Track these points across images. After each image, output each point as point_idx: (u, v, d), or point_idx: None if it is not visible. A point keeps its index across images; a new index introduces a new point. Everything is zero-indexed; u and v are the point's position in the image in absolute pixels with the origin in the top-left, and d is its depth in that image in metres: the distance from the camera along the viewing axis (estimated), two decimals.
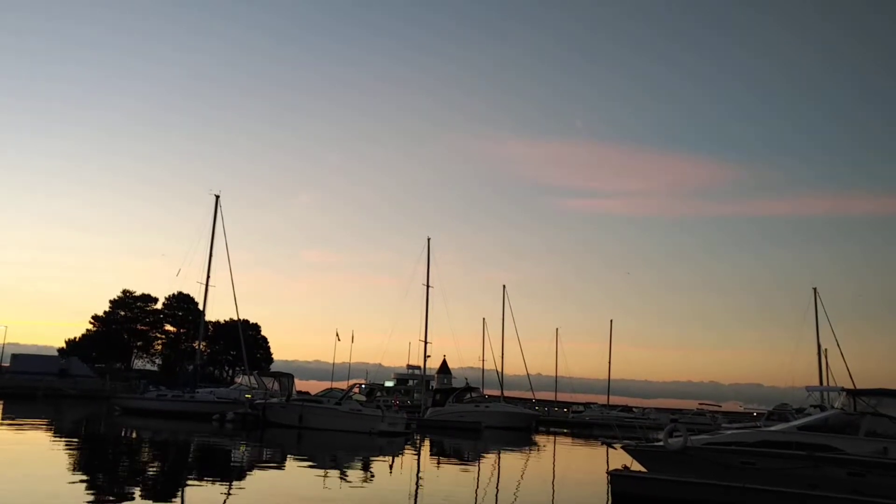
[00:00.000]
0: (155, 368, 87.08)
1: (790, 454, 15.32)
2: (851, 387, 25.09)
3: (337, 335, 72.48)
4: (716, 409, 48.94)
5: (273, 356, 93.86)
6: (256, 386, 43.41)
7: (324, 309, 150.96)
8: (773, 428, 17.92)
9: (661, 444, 16.81)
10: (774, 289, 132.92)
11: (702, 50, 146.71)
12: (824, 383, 41.39)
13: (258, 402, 38.42)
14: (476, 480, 20.98)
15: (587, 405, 72.13)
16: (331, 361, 77.64)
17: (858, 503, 13.51)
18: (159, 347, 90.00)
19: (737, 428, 20.42)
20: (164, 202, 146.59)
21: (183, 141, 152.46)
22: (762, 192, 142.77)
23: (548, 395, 76.78)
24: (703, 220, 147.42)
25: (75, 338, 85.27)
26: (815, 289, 48.91)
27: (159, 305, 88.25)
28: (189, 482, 16.30)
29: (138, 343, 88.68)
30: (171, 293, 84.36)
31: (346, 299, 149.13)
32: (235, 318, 53.35)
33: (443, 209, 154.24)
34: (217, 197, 46.38)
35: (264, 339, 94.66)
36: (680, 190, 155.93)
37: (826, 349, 46.42)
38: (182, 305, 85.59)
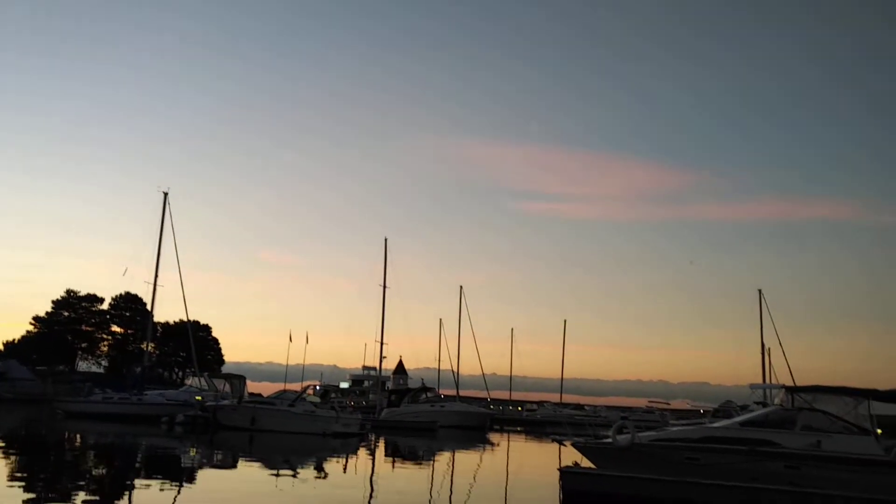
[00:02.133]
0: (101, 370, 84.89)
1: (731, 449, 15.87)
2: (791, 384, 26.08)
3: (290, 336, 71.93)
4: (664, 406, 50.16)
5: (224, 358, 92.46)
6: (207, 388, 42.79)
7: (278, 310, 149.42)
8: (716, 424, 18.50)
9: (609, 441, 17.23)
10: (722, 291, 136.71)
11: (647, 60, 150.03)
12: (767, 381, 42.80)
13: (209, 404, 37.91)
14: (430, 479, 21.18)
15: (541, 404, 73.07)
16: (284, 363, 76.80)
17: (794, 494, 14.13)
18: (105, 349, 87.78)
19: (683, 425, 21.00)
20: (111, 199, 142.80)
21: (130, 136, 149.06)
22: (709, 197, 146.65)
23: (503, 395, 77.58)
24: (652, 224, 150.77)
25: (14, 339, 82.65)
26: (760, 291, 50.46)
27: (105, 306, 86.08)
28: (136, 485, 16.06)
29: (83, 344, 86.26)
30: (117, 293, 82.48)
31: (301, 300, 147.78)
32: (185, 318, 52.49)
33: (400, 210, 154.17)
34: (165, 194, 45.55)
35: (215, 341, 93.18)
36: (630, 195, 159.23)
37: (769, 348, 48.00)
38: (129, 306, 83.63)
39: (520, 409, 73.03)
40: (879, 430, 16.95)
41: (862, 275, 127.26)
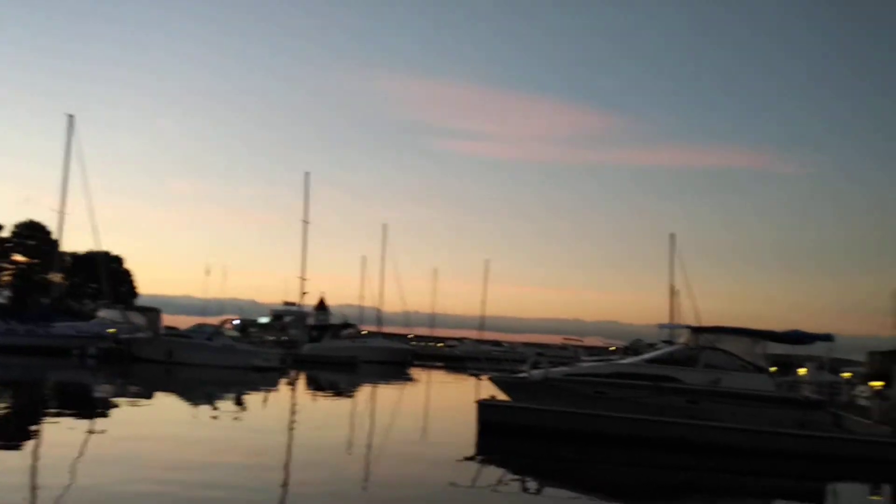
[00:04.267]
0: (3, 301, 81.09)
1: (637, 384, 16.79)
2: (697, 325, 27.53)
3: (207, 270, 70.36)
4: (578, 343, 51.94)
5: (138, 290, 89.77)
6: (121, 320, 41.69)
7: (194, 242, 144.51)
8: (625, 361, 19.46)
9: (524, 375, 17.91)
10: (637, 235, 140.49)
11: (577, 4, 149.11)
12: (675, 321, 45.04)
13: (123, 336, 37.03)
14: (351, 411, 21.56)
15: (461, 340, 74.62)
16: (201, 297, 75.39)
17: (693, 427, 15.16)
18: (8, 279, 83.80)
19: (594, 361, 21.99)
20: (11, 122, 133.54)
21: (33, 55, 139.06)
22: (629, 142, 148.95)
23: (424, 332, 78.61)
24: (573, 166, 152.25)
25: None
26: (672, 235, 52.30)
27: (6, 234, 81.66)
28: (46, 419, 15.63)
29: None
30: (19, 221, 78.22)
31: (218, 233, 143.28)
32: (95, 248, 50.54)
33: (323, 144, 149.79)
34: (71, 117, 42.97)
35: (128, 273, 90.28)
36: (553, 137, 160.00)
37: (678, 291, 50.22)
38: (33, 234, 79.58)
39: (440, 345, 74.43)
40: (774, 369, 18.26)
41: (766, 223, 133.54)
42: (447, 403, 26.85)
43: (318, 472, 11.05)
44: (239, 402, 21.19)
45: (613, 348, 49.26)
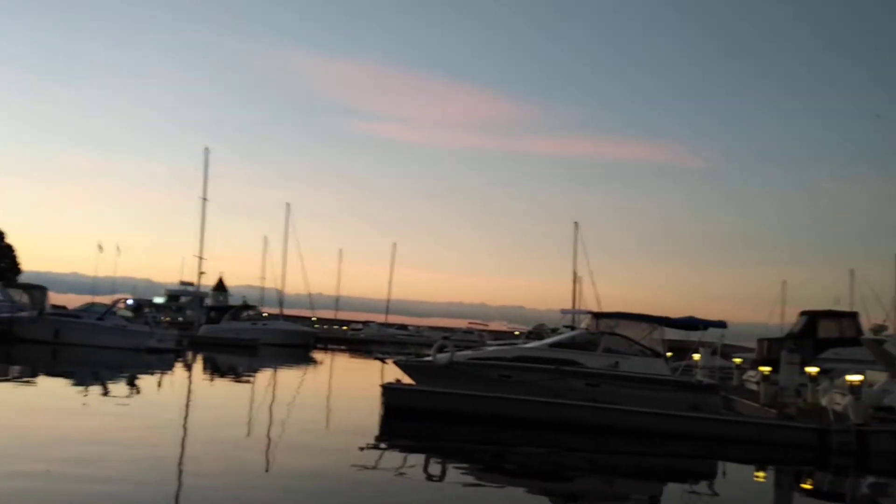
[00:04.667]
0: None
1: (540, 368, 17.08)
2: (597, 310, 28.33)
3: (99, 246, 66.90)
4: (483, 328, 52.75)
5: (22, 267, 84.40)
6: (2, 298, 38.99)
7: (84, 218, 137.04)
8: (528, 345, 19.75)
9: (430, 359, 17.87)
10: (542, 222, 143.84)
11: None
12: (577, 307, 46.34)
13: (5, 315, 34.62)
14: (250, 395, 20.95)
15: (366, 324, 74.11)
16: (92, 274, 71.59)
17: (592, 409, 15.54)
18: None
19: (499, 345, 22.23)
20: None
21: None
22: (540, 131, 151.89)
23: (329, 314, 77.68)
24: (483, 152, 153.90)
25: None
26: (576, 223, 53.59)
27: None
28: None
29: None
30: None
31: (112, 209, 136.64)
32: None
33: (223, 120, 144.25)
34: None
35: (10, 248, 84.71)
36: (465, 122, 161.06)
37: (581, 277, 51.63)
38: None
39: (345, 328, 73.68)
40: (669, 354, 18.96)
41: (666, 214, 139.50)
42: (351, 388, 26.54)
43: (215, 462, 10.59)
44: (131, 386, 20.20)
45: (518, 332, 50.11)
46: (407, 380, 17.67)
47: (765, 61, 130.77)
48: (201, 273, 50.36)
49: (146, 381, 21.89)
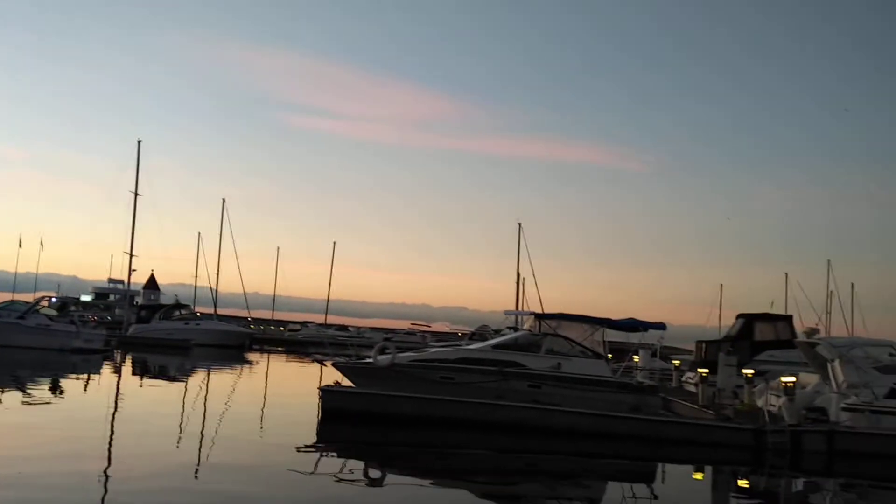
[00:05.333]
0: None
1: (483, 369, 16.92)
2: (540, 311, 28.40)
3: (20, 241, 64.08)
4: (426, 329, 52.37)
5: None
6: None
7: (5, 211, 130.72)
8: (471, 346, 19.57)
9: (370, 360, 17.50)
10: (486, 222, 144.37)
11: None
12: (520, 308, 46.57)
13: None
14: (182, 398, 20.16)
15: (304, 324, 72.92)
16: (13, 271, 68.53)
17: (535, 410, 15.45)
18: None
19: (441, 346, 22.00)
20: None
21: None
22: (485, 131, 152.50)
23: (265, 314, 76.05)
24: (427, 151, 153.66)
25: None
26: (519, 224, 53.89)
27: None
28: None
29: None
30: None
31: (35, 202, 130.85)
32: None
33: (157, 113, 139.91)
34: None
35: None
36: (408, 119, 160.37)
37: (524, 278, 51.95)
38: None
39: (282, 329, 72.33)
40: (610, 355, 19.06)
41: (609, 216, 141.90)
42: (288, 391, 25.88)
43: (143, 468, 10.03)
44: (54, 390, 19.18)
45: (460, 334, 50.05)
46: (346, 382, 17.25)
47: (708, 67, 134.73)
48: (132, 270, 48.79)
49: (71, 384, 20.93)
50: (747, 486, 13.06)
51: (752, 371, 17.34)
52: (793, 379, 15.45)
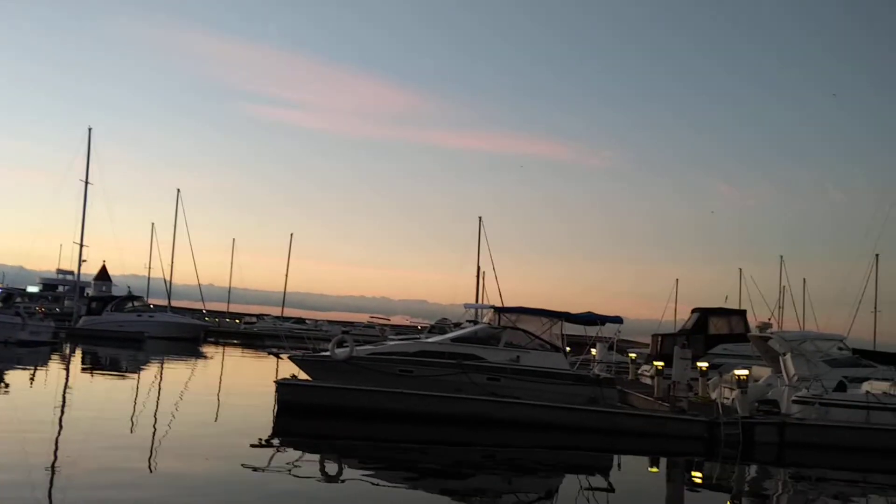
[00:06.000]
0: None
1: (442, 362, 16.84)
2: (500, 305, 28.41)
3: None
4: (385, 322, 52.10)
5: None
6: None
7: None
8: (431, 339, 19.48)
9: (327, 354, 17.29)
10: (446, 216, 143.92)
11: None
12: (480, 301, 46.57)
13: None
14: (134, 392, 19.66)
15: (261, 317, 71.95)
16: None
17: (493, 403, 15.44)
18: None
19: (400, 339, 21.86)
20: None
21: None
22: (444, 124, 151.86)
23: (221, 307, 74.70)
24: (387, 143, 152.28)
25: None
26: (480, 218, 53.86)
27: None
28: None
29: None
30: None
31: None
32: None
33: (109, 99, 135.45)
34: None
35: None
36: (368, 112, 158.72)
37: (484, 272, 51.98)
38: None
39: (238, 321, 71.24)
40: (568, 349, 19.17)
41: (566, 211, 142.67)
42: (243, 384, 25.48)
43: (91, 463, 9.74)
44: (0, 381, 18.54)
45: (420, 327, 49.94)
46: (303, 376, 17.01)
47: (666, 66, 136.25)
48: (82, 261, 47.51)
49: (15, 377, 20.33)
50: (701, 476, 13.30)
51: (706, 364, 17.63)
52: (746, 372, 15.74)
